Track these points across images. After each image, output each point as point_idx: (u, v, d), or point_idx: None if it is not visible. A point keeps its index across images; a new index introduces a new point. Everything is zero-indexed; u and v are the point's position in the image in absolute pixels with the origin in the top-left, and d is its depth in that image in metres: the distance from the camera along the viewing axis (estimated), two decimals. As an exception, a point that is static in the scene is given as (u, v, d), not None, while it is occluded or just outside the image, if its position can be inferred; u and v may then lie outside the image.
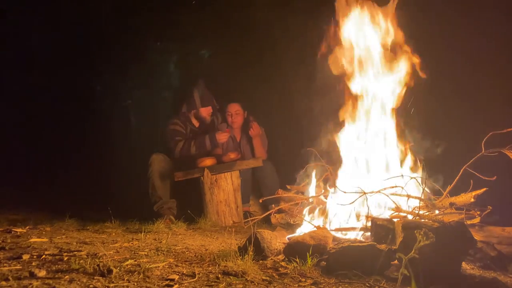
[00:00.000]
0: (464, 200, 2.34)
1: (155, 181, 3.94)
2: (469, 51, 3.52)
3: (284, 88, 4.64)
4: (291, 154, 4.13)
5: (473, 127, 3.08)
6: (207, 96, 4.24)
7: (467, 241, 1.83)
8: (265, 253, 2.05)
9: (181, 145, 4.07)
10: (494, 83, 3.49)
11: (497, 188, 2.30)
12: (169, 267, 1.76)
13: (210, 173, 3.85)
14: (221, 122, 4.47)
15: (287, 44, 4.44)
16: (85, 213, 3.81)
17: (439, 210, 2.41)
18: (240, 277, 1.64)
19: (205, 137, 4.12)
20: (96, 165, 5.50)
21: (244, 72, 4.87)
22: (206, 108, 4.23)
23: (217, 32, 5.10)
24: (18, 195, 4.94)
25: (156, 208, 3.91)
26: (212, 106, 4.28)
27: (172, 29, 5.29)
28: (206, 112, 4.23)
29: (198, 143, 4.07)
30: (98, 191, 4.95)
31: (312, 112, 3.38)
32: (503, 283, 1.78)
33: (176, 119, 4.22)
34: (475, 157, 2.36)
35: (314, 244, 2.02)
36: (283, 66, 4.46)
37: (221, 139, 4.11)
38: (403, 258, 1.46)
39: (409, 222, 1.92)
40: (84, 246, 2.19)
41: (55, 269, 1.59)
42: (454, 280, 1.74)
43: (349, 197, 2.52)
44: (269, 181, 4.15)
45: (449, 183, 2.50)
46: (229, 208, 3.84)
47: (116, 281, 1.46)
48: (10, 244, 2.08)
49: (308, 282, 1.66)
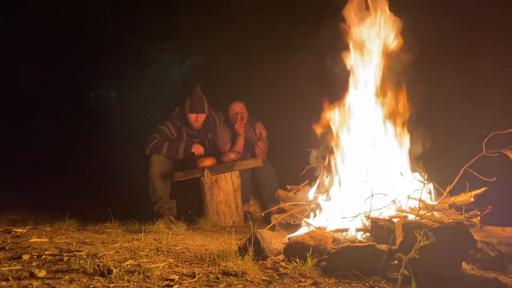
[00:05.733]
0: (464, 200, 2.34)
1: (155, 182, 3.94)
2: (469, 51, 3.52)
3: (284, 88, 4.64)
4: (291, 154, 4.14)
5: (473, 127, 3.08)
6: (198, 102, 4.18)
7: (467, 241, 1.83)
8: (265, 253, 2.05)
9: (154, 142, 4.03)
10: (495, 83, 3.50)
11: (497, 188, 2.30)
12: (169, 267, 1.76)
13: (210, 173, 3.85)
14: (224, 122, 4.46)
15: (287, 44, 4.45)
16: (85, 213, 3.81)
17: (439, 210, 2.41)
18: (240, 277, 1.64)
19: (181, 143, 4.10)
20: (96, 165, 5.50)
21: (244, 72, 4.87)
22: (194, 114, 4.18)
23: (217, 33, 5.10)
24: (18, 195, 4.94)
25: (156, 208, 3.91)
26: (202, 112, 4.21)
27: (172, 29, 5.30)
28: (193, 118, 4.19)
29: (171, 146, 4.04)
30: (98, 191, 4.95)
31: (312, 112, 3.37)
32: (503, 283, 1.78)
33: (168, 120, 4.22)
34: (476, 157, 2.36)
35: (314, 244, 2.02)
36: (283, 66, 4.46)
37: (196, 150, 4.09)
38: (403, 258, 1.46)
39: (409, 223, 1.92)
40: (84, 246, 2.19)
41: (55, 269, 1.59)
42: (454, 280, 1.75)
43: (349, 197, 2.51)
44: (268, 181, 4.15)
45: (449, 183, 2.50)
46: (229, 208, 3.84)
47: (116, 281, 1.46)
48: (10, 244, 2.08)
49: (308, 282, 1.66)
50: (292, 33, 4.41)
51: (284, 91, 4.67)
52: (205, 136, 4.32)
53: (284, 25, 4.57)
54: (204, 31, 5.18)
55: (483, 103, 3.51)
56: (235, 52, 5.06)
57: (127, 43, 5.58)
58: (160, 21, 5.41)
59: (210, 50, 5.23)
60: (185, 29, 5.25)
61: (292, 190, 3.30)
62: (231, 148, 4.30)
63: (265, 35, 4.82)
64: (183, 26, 5.25)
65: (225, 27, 5.02)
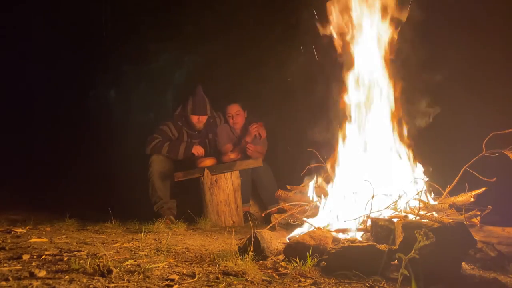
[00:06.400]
0: (464, 200, 2.34)
1: (155, 182, 3.94)
2: (470, 51, 3.52)
3: (284, 88, 4.64)
4: (290, 154, 4.14)
5: (474, 127, 3.08)
6: (201, 104, 4.19)
7: (467, 241, 1.83)
8: (265, 253, 2.05)
9: (155, 142, 4.04)
10: (496, 83, 3.49)
11: (497, 188, 2.30)
12: (169, 267, 1.76)
13: (210, 173, 3.86)
14: (224, 123, 4.47)
15: (287, 44, 4.44)
16: (85, 213, 3.81)
17: (439, 210, 2.41)
18: (240, 277, 1.64)
19: (181, 144, 4.10)
20: (96, 165, 5.50)
21: (244, 72, 4.87)
22: (196, 116, 4.18)
23: (217, 33, 5.10)
24: (18, 195, 4.94)
25: (156, 208, 3.92)
26: (204, 114, 4.22)
27: (173, 30, 5.30)
28: (196, 119, 4.20)
29: (171, 147, 4.04)
30: (98, 191, 4.95)
31: (312, 112, 3.38)
32: (503, 283, 1.78)
33: (170, 120, 4.22)
34: (476, 157, 2.36)
35: (314, 244, 2.01)
36: (283, 66, 4.46)
37: (197, 152, 4.09)
38: (403, 258, 1.46)
39: (409, 222, 1.92)
40: (84, 246, 2.19)
41: (55, 269, 1.59)
42: (454, 280, 1.74)
43: (348, 198, 2.51)
44: (266, 181, 4.15)
45: (449, 183, 2.50)
46: (229, 208, 3.84)
47: (116, 281, 1.46)
48: (10, 244, 2.08)
49: (308, 282, 1.66)
50: (292, 33, 4.41)
51: (285, 91, 4.67)
52: (205, 137, 4.33)
53: (285, 25, 4.56)
54: (204, 31, 5.18)
55: (483, 103, 3.51)
56: (235, 52, 5.06)
57: (127, 43, 5.58)
58: (160, 21, 5.41)
59: (211, 50, 5.23)
60: (185, 29, 5.25)
61: (292, 190, 3.30)
62: (234, 149, 4.31)
63: (265, 35, 4.81)
64: (183, 26, 5.25)
65: (225, 27, 5.02)
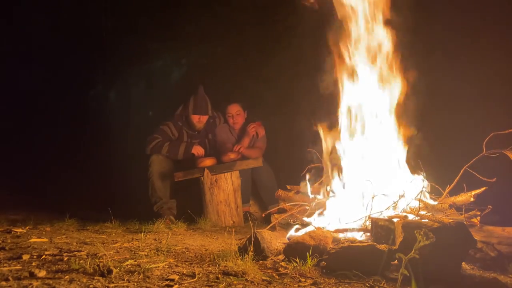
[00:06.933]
0: (464, 200, 2.34)
1: (155, 182, 3.94)
2: (469, 51, 3.52)
3: (284, 88, 4.64)
4: (290, 154, 4.14)
5: (474, 128, 3.08)
6: (203, 104, 4.19)
7: (467, 241, 1.83)
8: (265, 253, 2.04)
9: (155, 142, 4.04)
10: (496, 83, 3.49)
11: (497, 188, 2.30)
12: (169, 267, 1.76)
13: (210, 173, 3.86)
14: (224, 123, 4.47)
15: (287, 44, 4.44)
16: (85, 213, 3.81)
17: (439, 210, 2.41)
18: (240, 277, 1.64)
19: (181, 144, 4.10)
20: (96, 165, 5.50)
21: (244, 72, 4.87)
22: (197, 115, 4.18)
23: (217, 33, 5.10)
24: (18, 195, 4.94)
25: (156, 208, 3.91)
26: (205, 114, 4.22)
27: (173, 30, 5.30)
28: (196, 119, 4.20)
29: (171, 147, 4.04)
30: (98, 191, 4.95)
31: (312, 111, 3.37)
32: (503, 283, 1.78)
33: (170, 120, 4.22)
34: (476, 157, 2.36)
35: (314, 244, 2.01)
36: (283, 66, 4.46)
37: (197, 152, 4.09)
38: (403, 258, 1.46)
39: (409, 222, 1.92)
40: (84, 246, 2.19)
41: (55, 269, 1.58)
42: (454, 280, 1.75)
43: (349, 198, 2.51)
44: (266, 181, 4.15)
45: (449, 183, 2.50)
46: (229, 208, 3.84)
47: (116, 281, 1.46)
48: (10, 244, 2.08)
49: (308, 282, 1.66)
50: (292, 33, 4.41)
51: (284, 91, 4.67)
52: (205, 137, 4.33)
53: (284, 25, 4.57)
54: (205, 31, 5.18)
55: (483, 103, 3.51)
56: (235, 52, 5.06)
57: (127, 43, 5.58)
58: (160, 21, 5.41)
59: (211, 50, 5.24)
60: (186, 29, 5.25)
61: (292, 190, 3.31)
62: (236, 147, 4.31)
63: (265, 35, 4.82)
64: (184, 26, 5.25)
65: (226, 27, 5.02)
